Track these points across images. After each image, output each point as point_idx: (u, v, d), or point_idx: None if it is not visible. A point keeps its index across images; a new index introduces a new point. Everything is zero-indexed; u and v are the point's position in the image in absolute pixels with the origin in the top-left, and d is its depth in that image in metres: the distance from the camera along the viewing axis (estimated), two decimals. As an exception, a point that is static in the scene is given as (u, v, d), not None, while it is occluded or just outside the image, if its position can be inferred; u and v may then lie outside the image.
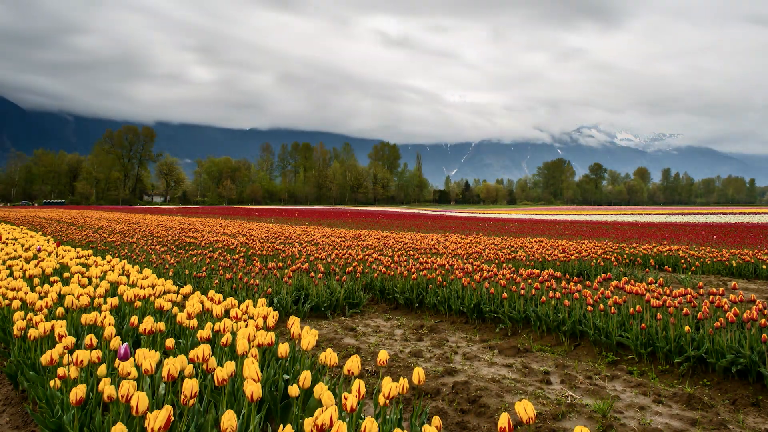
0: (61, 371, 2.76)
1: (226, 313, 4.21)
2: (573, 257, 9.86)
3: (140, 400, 2.13)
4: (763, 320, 4.15)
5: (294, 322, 3.47)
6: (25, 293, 4.44)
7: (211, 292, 4.35)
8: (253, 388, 2.35)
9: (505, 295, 5.83)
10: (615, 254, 10.79)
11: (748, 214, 50.10)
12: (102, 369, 2.83)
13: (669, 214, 50.72)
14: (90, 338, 3.03)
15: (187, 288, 4.74)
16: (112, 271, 6.01)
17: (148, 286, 4.81)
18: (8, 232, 13.51)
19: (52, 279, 5.34)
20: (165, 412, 2.00)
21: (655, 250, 11.88)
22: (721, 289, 5.45)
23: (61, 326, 3.35)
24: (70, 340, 3.14)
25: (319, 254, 9.33)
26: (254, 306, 4.28)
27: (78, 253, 7.83)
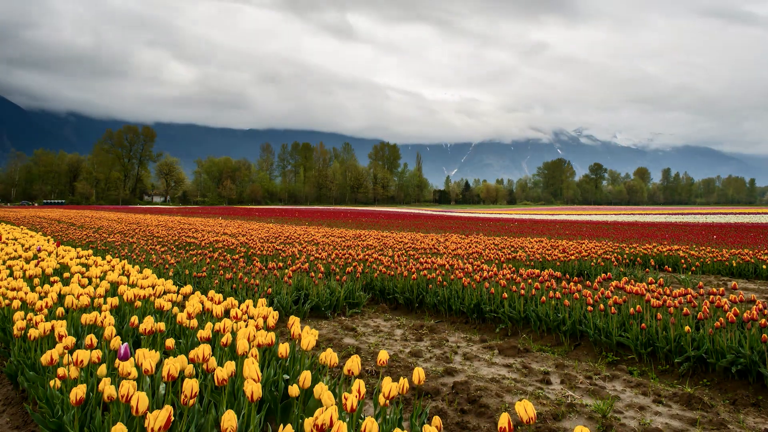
0: (61, 371, 2.76)
1: (226, 313, 4.21)
2: (573, 257, 9.86)
3: (140, 400, 2.13)
4: (763, 320, 4.15)
5: (294, 322, 3.47)
6: (25, 293, 4.43)
7: (211, 292, 4.35)
8: (253, 388, 2.35)
9: (505, 295, 5.83)
10: (615, 254, 10.79)
11: (748, 214, 50.12)
12: (102, 369, 2.83)
13: (669, 214, 50.72)
14: (90, 338, 3.03)
15: (187, 288, 4.74)
16: (113, 271, 6.00)
17: (148, 286, 4.80)
18: (8, 232, 13.51)
19: (52, 279, 5.34)
20: (165, 412, 2.00)
21: (655, 250, 11.88)
22: (721, 289, 5.45)
23: (61, 326, 3.35)
24: (70, 340, 3.14)
25: (319, 254, 9.33)
26: (254, 306, 4.28)
27: (78, 253, 7.83)
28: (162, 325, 3.51)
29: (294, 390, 2.60)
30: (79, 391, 2.44)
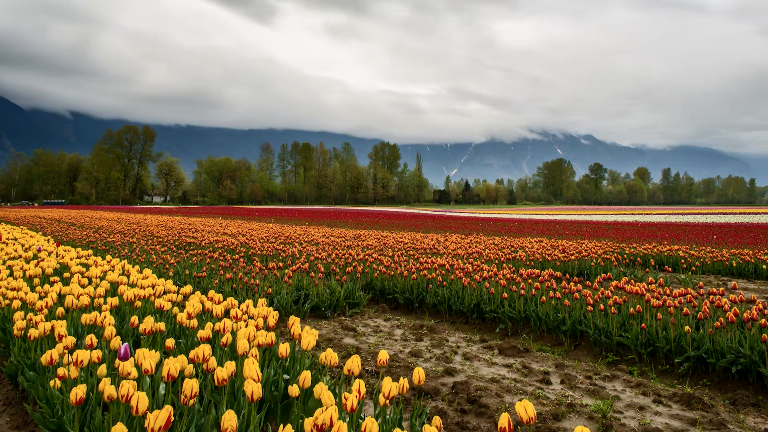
0: (61, 371, 2.76)
1: (226, 313, 4.21)
2: (573, 257, 9.86)
3: (140, 400, 2.13)
4: (763, 320, 4.15)
5: (294, 322, 3.46)
6: (25, 293, 4.44)
7: (211, 292, 4.35)
8: (253, 388, 2.35)
9: (505, 295, 5.83)
10: (615, 254, 10.79)
11: (748, 214, 50.11)
12: (102, 369, 2.83)
13: (669, 214, 50.72)
14: (90, 338, 3.03)
15: (187, 288, 4.74)
16: (113, 271, 6.00)
17: (148, 286, 4.80)
18: (8, 232, 13.51)
19: (52, 279, 5.34)
20: (165, 412, 2.00)
21: (655, 250, 11.88)
22: (721, 289, 5.45)
23: (61, 326, 3.35)
24: (70, 340, 3.14)
25: (319, 254, 9.33)
26: (254, 306, 4.28)
27: (78, 253, 7.83)
28: (162, 325, 3.51)
29: (294, 390, 2.60)
30: (79, 391, 2.44)
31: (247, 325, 3.53)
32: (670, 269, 8.87)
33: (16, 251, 8.07)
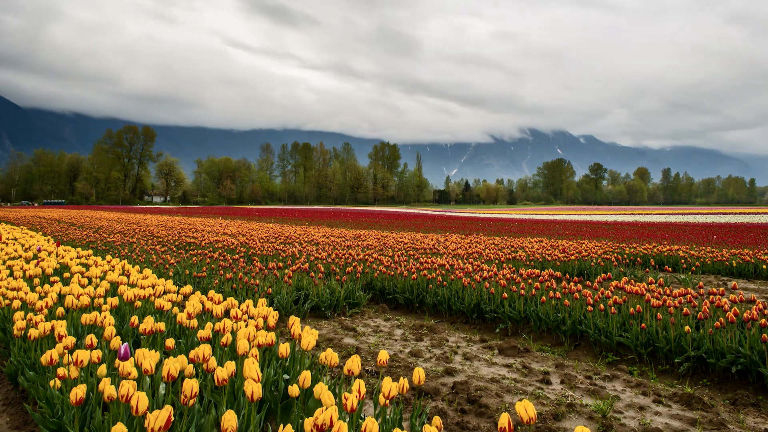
0: (61, 371, 2.76)
1: (226, 313, 4.21)
2: (573, 257, 9.86)
3: (140, 400, 2.13)
4: (763, 320, 4.15)
5: (294, 322, 3.46)
6: (25, 293, 4.44)
7: (211, 292, 4.35)
8: (253, 388, 2.35)
9: (505, 295, 5.83)
10: (615, 254, 10.79)
11: (748, 214, 50.11)
12: (102, 369, 2.83)
13: (669, 214, 50.72)
14: (90, 338, 3.03)
15: (187, 288, 4.74)
16: (113, 271, 6.01)
17: (149, 286, 4.80)
18: (8, 232, 13.51)
19: (52, 279, 5.34)
20: (165, 412, 2.00)
21: (655, 250, 11.88)
22: (721, 289, 5.45)
23: (61, 326, 3.35)
24: (70, 340, 3.14)
25: (319, 254, 9.33)
26: (254, 306, 4.28)
27: (78, 253, 7.83)
28: (162, 325, 3.51)
29: (294, 390, 2.60)
30: (79, 391, 2.44)
31: (247, 325, 3.53)
32: (670, 269, 8.87)
33: (16, 251, 8.07)
